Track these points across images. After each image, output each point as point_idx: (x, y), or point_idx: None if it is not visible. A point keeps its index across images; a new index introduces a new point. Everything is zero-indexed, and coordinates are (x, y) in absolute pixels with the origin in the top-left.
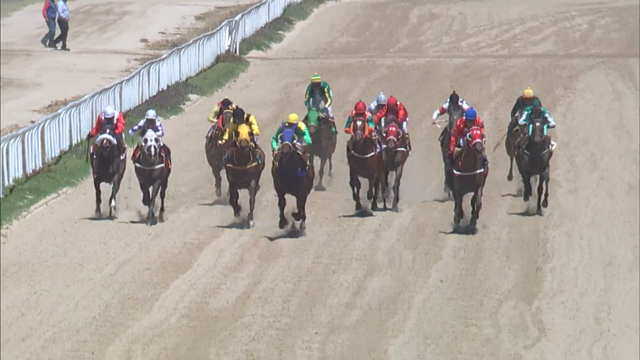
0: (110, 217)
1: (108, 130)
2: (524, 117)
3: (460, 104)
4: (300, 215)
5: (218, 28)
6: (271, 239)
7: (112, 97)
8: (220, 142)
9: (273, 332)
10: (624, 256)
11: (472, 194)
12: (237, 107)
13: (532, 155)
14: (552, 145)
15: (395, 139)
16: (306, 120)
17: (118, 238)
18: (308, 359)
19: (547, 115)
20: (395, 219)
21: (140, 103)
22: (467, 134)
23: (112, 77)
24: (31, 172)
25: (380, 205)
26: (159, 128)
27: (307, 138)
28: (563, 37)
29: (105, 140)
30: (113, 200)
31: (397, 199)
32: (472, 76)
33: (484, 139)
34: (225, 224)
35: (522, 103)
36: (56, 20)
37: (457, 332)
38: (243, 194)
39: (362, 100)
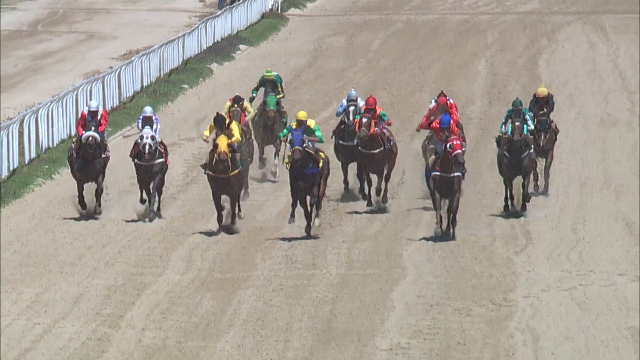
0: (96, 217)
1: (93, 128)
2: (503, 118)
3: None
4: (313, 216)
5: None
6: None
7: (176, 47)
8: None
9: (308, 240)
10: (596, 177)
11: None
12: (218, 113)
13: (511, 159)
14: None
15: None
16: (265, 105)
17: (180, 164)
18: (337, 262)
19: (527, 116)
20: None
21: (199, 52)
22: (447, 145)
23: (177, 30)
24: (110, 108)
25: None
26: (155, 122)
27: (319, 134)
28: None
29: (90, 138)
30: (100, 203)
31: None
32: (472, 30)
33: (464, 149)
34: (268, 156)
35: (535, 102)
36: None
37: (459, 240)
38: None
39: (373, 96)
